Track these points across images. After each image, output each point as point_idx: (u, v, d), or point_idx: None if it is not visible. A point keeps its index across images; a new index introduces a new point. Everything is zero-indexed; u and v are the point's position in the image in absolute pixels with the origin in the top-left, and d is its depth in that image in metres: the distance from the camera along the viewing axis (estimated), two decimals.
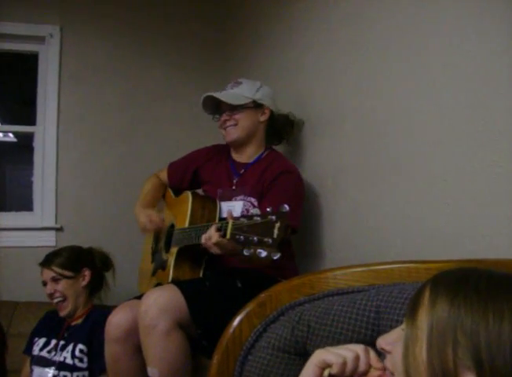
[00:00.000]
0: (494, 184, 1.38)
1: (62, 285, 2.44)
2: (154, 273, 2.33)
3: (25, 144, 3.61)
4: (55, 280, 2.44)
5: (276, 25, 2.86)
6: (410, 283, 1.30)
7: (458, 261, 1.30)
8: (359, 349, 0.98)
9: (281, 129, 2.39)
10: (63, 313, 2.44)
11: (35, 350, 2.43)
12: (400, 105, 1.79)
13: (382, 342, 0.93)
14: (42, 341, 2.46)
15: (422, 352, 0.79)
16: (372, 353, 0.99)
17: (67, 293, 2.44)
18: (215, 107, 2.31)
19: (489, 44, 1.41)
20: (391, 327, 1.22)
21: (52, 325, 2.52)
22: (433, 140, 1.62)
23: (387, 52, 1.86)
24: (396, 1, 1.82)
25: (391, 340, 0.91)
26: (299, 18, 2.57)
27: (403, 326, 0.89)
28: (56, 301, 2.44)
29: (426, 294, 0.84)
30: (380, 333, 1.25)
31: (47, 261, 2.47)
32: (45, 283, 2.46)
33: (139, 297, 2.00)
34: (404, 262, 1.37)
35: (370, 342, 1.28)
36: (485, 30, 1.42)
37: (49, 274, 2.44)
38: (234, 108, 2.23)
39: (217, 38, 3.70)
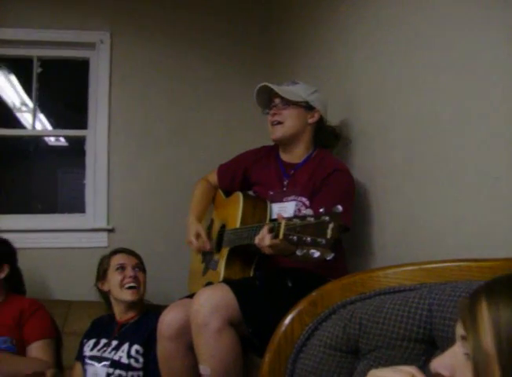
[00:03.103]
0: None
1: None
2: (204, 273, 2.36)
3: (76, 148, 3.69)
4: None
5: (323, 25, 2.86)
6: (462, 282, 1.29)
7: (509, 259, 1.29)
8: (414, 371, 0.91)
9: (326, 138, 2.38)
10: None
11: (86, 351, 2.51)
12: (450, 103, 1.77)
13: (439, 365, 0.87)
14: (92, 341, 2.54)
15: None
16: None
17: None
18: (267, 101, 2.32)
19: None
20: (444, 326, 1.22)
21: (100, 327, 2.61)
22: (483, 138, 1.60)
23: (437, 52, 1.85)
24: (446, 4, 1.81)
25: (449, 364, 0.85)
26: (346, 17, 2.57)
27: (459, 346, 0.84)
28: None
29: (484, 309, 0.79)
30: (433, 331, 1.26)
31: None
32: None
33: (190, 296, 2.03)
34: (456, 261, 1.37)
35: (422, 340, 1.28)
36: None
37: None
38: (286, 103, 2.25)
39: (263, 38, 3.71)
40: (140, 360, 2.40)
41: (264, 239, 1.78)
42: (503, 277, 0.85)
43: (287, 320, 1.51)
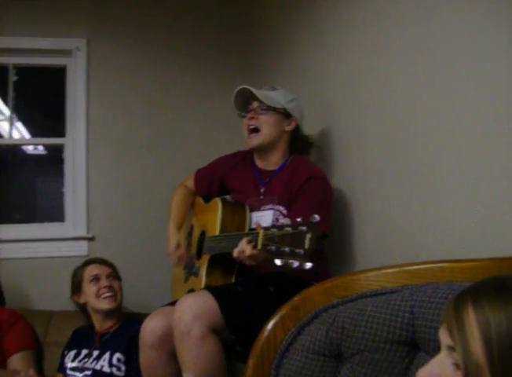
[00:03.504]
0: None
1: None
2: (186, 280, 2.34)
3: (55, 157, 3.66)
4: None
5: (299, 30, 2.86)
6: (444, 283, 1.30)
7: (491, 259, 1.29)
8: None
9: (301, 146, 2.37)
10: None
11: (67, 362, 2.49)
12: (428, 105, 1.78)
13: (424, 375, 0.85)
14: (73, 352, 2.51)
15: None
16: None
17: None
18: (245, 104, 2.30)
19: None
20: (426, 327, 1.22)
21: (80, 338, 2.59)
22: (462, 139, 1.60)
23: (413, 53, 1.86)
24: (422, 2, 1.82)
25: (436, 374, 0.83)
26: (322, 22, 2.57)
27: (446, 356, 0.82)
28: None
29: (471, 317, 0.78)
30: (415, 333, 1.26)
31: None
32: None
33: (172, 303, 2.02)
34: (437, 262, 1.37)
35: (405, 342, 1.28)
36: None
37: None
38: (264, 108, 2.23)
39: (241, 44, 3.71)
40: (123, 368, 2.38)
41: (244, 250, 1.78)
42: (488, 281, 0.83)
43: (270, 326, 1.50)
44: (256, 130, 2.24)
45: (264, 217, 2.11)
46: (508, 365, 0.73)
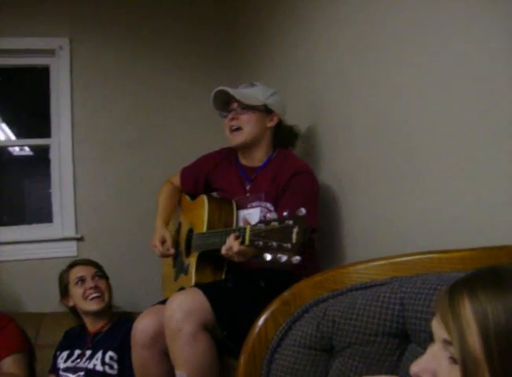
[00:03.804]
0: None
1: None
2: (176, 278, 2.34)
3: (41, 157, 3.63)
4: None
5: (284, 24, 2.85)
6: (433, 274, 1.30)
7: (480, 249, 1.29)
8: None
9: (285, 139, 2.35)
10: None
11: (60, 363, 2.48)
12: (413, 97, 1.78)
13: (420, 370, 0.83)
14: (66, 353, 2.51)
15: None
16: None
17: None
18: (225, 104, 2.27)
19: (502, 36, 1.40)
20: (416, 319, 1.22)
21: (73, 338, 2.59)
22: (447, 130, 1.61)
23: (397, 46, 1.86)
24: None
25: (431, 368, 0.81)
26: (306, 16, 2.57)
27: (441, 349, 0.80)
28: None
29: (468, 310, 0.76)
30: (406, 325, 1.26)
31: None
32: None
33: (163, 302, 2.01)
34: (426, 253, 1.37)
35: (395, 334, 1.28)
36: (497, 22, 1.41)
37: None
38: (244, 108, 2.21)
39: (226, 40, 3.70)
40: (115, 366, 2.37)
41: (232, 247, 1.78)
42: (483, 271, 0.82)
43: (261, 321, 1.50)
44: (238, 129, 2.22)
45: (251, 215, 2.10)
46: (506, 358, 0.72)
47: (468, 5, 1.50)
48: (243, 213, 2.16)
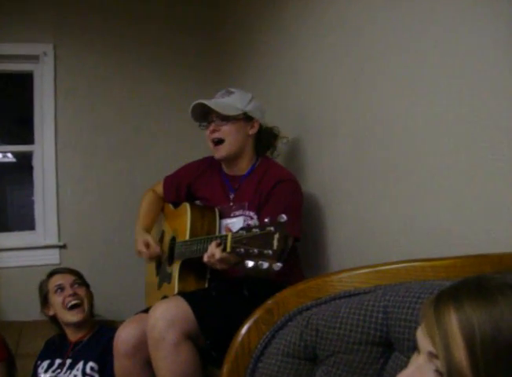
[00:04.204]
0: (495, 178, 1.38)
1: None
2: (160, 286, 2.32)
3: (24, 164, 3.60)
4: None
5: (268, 33, 2.86)
6: (416, 282, 1.30)
7: (463, 257, 1.30)
8: None
9: (266, 142, 2.34)
10: None
11: (40, 373, 2.46)
12: (396, 104, 1.79)
13: None
14: (46, 363, 2.48)
15: None
16: None
17: None
18: (203, 115, 2.23)
19: (485, 41, 1.41)
20: (400, 327, 1.22)
21: (54, 348, 2.56)
22: (431, 138, 1.61)
23: (379, 53, 1.87)
24: (388, 3, 1.82)
25: None
26: (290, 25, 2.57)
27: (427, 362, 0.80)
28: None
29: (454, 324, 0.75)
30: (389, 333, 1.25)
31: None
32: None
33: (146, 310, 2.00)
34: (409, 261, 1.37)
35: (379, 343, 1.28)
36: (482, 26, 1.42)
37: None
38: (224, 119, 2.17)
39: (210, 48, 3.69)
40: None
41: (214, 254, 1.78)
42: (469, 282, 0.81)
43: (244, 330, 1.49)
44: (221, 141, 2.19)
45: (234, 224, 2.09)
46: (492, 371, 0.72)
47: (453, 6, 1.51)
48: (226, 222, 2.15)
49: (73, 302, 2.52)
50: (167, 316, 1.78)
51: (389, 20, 1.80)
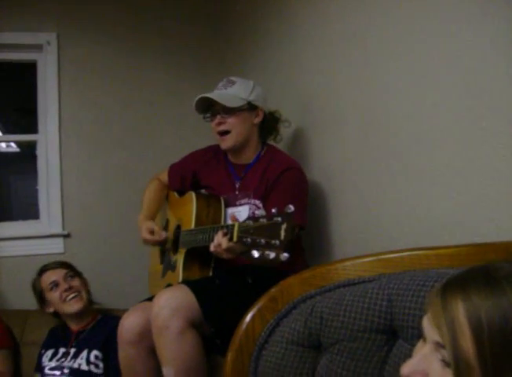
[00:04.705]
0: (500, 166, 1.38)
1: None
2: (164, 275, 2.33)
3: (28, 153, 3.62)
4: None
5: (272, 21, 2.85)
6: (420, 270, 1.30)
7: (467, 246, 1.30)
8: None
9: (269, 127, 2.33)
10: None
11: (45, 362, 2.46)
12: (401, 95, 1.78)
13: (411, 372, 0.82)
14: (50, 352, 2.49)
15: None
16: None
17: None
18: (207, 106, 2.23)
19: (491, 36, 1.40)
20: (404, 315, 1.22)
21: (57, 337, 2.57)
22: (436, 127, 1.61)
23: (386, 44, 1.85)
24: None
25: (421, 370, 0.80)
26: (295, 13, 2.56)
27: (432, 351, 0.79)
28: None
29: (461, 313, 0.75)
30: (393, 321, 1.26)
31: None
32: None
33: (150, 299, 2.00)
34: (414, 249, 1.37)
35: (383, 331, 1.28)
36: (488, 22, 1.41)
37: None
38: (229, 111, 2.16)
39: (213, 37, 3.69)
40: (100, 365, 2.36)
41: (220, 244, 1.77)
42: (476, 270, 0.80)
43: (248, 318, 1.50)
44: (226, 132, 2.19)
45: (240, 213, 2.09)
46: (499, 362, 0.71)
47: (456, 5, 1.50)
48: (232, 210, 2.15)
49: (71, 296, 2.52)
50: (171, 304, 1.79)
51: (397, 12, 1.79)
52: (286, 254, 1.51)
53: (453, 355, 0.75)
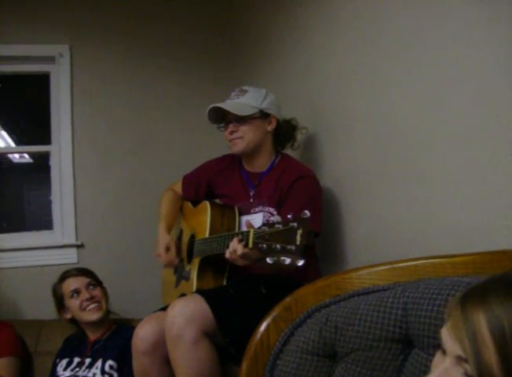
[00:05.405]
0: None
1: None
2: (177, 284, 2.33)
3: (41, 164, 3.63)
4: None
5: (282, 30, 2.86)
6: (435, 279, 1.29)
7: (482, 253, 1.29)
8: None
9: (286, 135, 2.33)
10: None
11: (59, 371, 2.46)
12: (414, 101, 1.78)
13: None
14: (65, 361, 2.49)
15: None
16: None
17: None
18: (220, 116, 2.25)
19: (502, 38, 1.40)
20: (420, 324, 1.22)
21: (72, 346, 2.56)
22: (449, 134, 1.60)
23: (398, 50, 1.86)
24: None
25: None
26: (305, 22, 2.57)
27: (454, 365, 0.77)
28: None
29: (483, 326, 0.72)
30: (409, 330, 1.25)
31: None
32: None
33: (164, 308, 2.01)
34: (428, 258, 1.37)
35: (398, 340, 1.27)
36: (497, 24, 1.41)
37: None
38: (241, 119, 2.18)
39: (225, 46, 3.71)
40: (115, 375, 2.36)
41: (236, 250, 1.77)
42: (496, 280, 0.78)
43: (263, 327, 1.50)
44: (239, 138, 2.21)
45: (255, 221, 2.08)
46: None
47: (467, 8, 1.50)
48: (246, 218, 2.15)
49: (91, 306, 2.52)
50: (186, 314, 1.79)
51: (407, 17, 1.79)
52: (302, 260, 1.50)
53: (477, 369, 0.72)
